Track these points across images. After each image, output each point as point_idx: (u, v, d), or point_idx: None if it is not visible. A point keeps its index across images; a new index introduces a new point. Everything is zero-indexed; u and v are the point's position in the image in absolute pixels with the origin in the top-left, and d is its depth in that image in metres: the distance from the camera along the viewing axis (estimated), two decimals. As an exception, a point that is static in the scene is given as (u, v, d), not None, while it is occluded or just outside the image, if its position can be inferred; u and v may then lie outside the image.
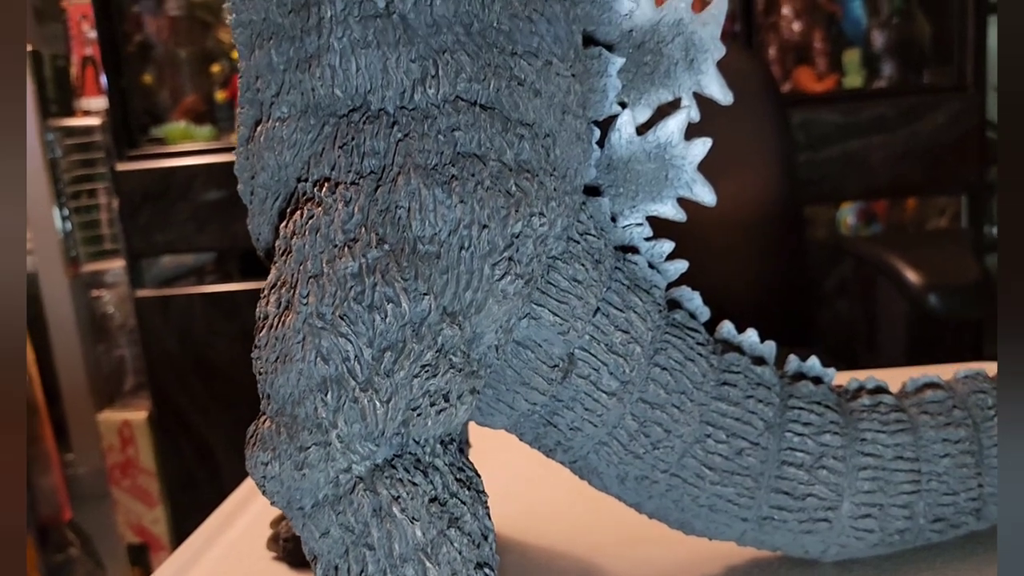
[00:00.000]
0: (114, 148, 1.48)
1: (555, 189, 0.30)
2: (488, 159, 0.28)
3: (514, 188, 0.28)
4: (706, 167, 0.37)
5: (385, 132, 0.28)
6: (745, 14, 1.39)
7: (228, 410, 1.52)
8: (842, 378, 0.39)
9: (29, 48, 1.50)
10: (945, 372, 0.39)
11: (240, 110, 0.32)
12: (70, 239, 1.58)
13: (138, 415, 1.61)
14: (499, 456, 0.47)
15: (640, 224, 0.36)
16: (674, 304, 0.36)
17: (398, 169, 0.27)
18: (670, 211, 0.36)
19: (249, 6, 0.31)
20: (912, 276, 0.81)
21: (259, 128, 0.30)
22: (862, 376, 0.39)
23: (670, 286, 0.36)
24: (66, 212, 1.56)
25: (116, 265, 1.60)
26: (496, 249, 0.28)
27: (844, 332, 1.49)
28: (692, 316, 0.36)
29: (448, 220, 0.27)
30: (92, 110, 1.58)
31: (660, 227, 0.36)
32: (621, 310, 0.33)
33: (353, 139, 0.28)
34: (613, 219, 0.35)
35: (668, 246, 0.36)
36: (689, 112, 0.36)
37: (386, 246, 0.26)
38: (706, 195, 0.36)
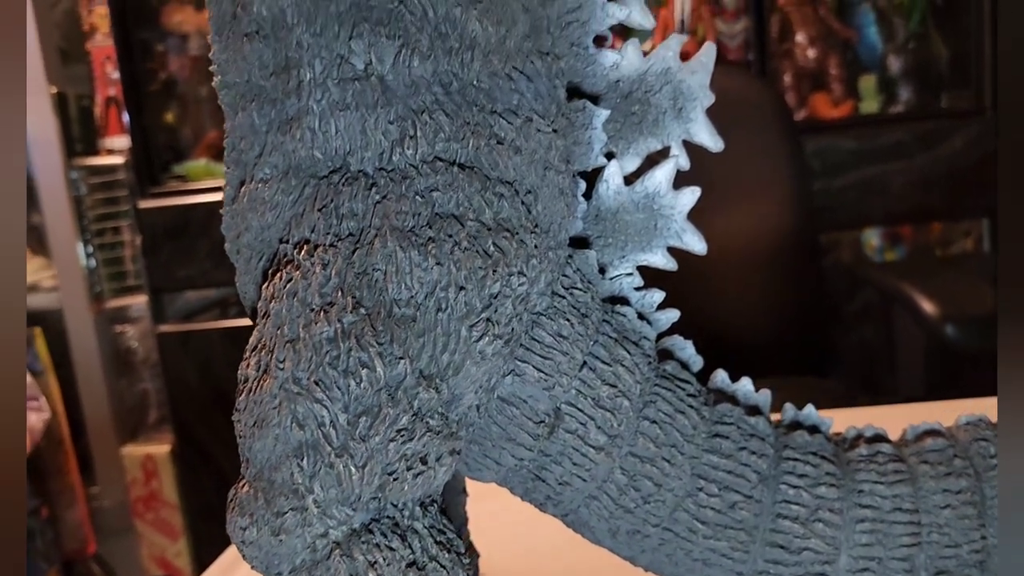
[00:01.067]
0: (137, 186, 1.51)
1: (537, 246, 0.30)
2: (466, 219, 0.28)
3: (492, 248, 0.28)
4: (720, 197, 0.37)
5: (363, 194, 0.28)
6: (759, 42, 1.39)
7: (249, 443, 1.52)
8: (855, 415, 0.39)
9: (54, 90, 1.54)
10: (963, 407, 0.39)
11: (226, 170, 0.32)
12: (94, 275, 1.60)
13: (161, 449, 1.62)
14: (499, 495, 0.47)
15: (630, 274, 0.35)
16: (666, 354, 0.36)
17: (375, 232, 0.27)
18: (660, 260, 0.36)
19: (232, 68, 0.31)
20: (928, 307, 0.80)
21: (243, 189, 0.31)
22: (862, 421, 0.38)
23: (662, 335, 0.36)
24: (90, 249, 1.59)
25: (139, 301, 1.62)
26: (473, 311, 0.28)
27: (862, 361, 1.47)
28: (684, 366, 0.36)
29: (424, 283, 0.27)
30: (116, 149, 1.61)
31: (674, 255, 0.36)
32: (608, 364, 0.33)
33: (332, 201, 0.28)
34: (602, 270, 0.35)
35: (659, 296, 0.35)
36: (677, 161, 0.36)
37: (362, 310, 0.26)
38: (696, 244, 0.36)
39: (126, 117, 1.53)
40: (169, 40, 1.59)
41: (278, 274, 0.29)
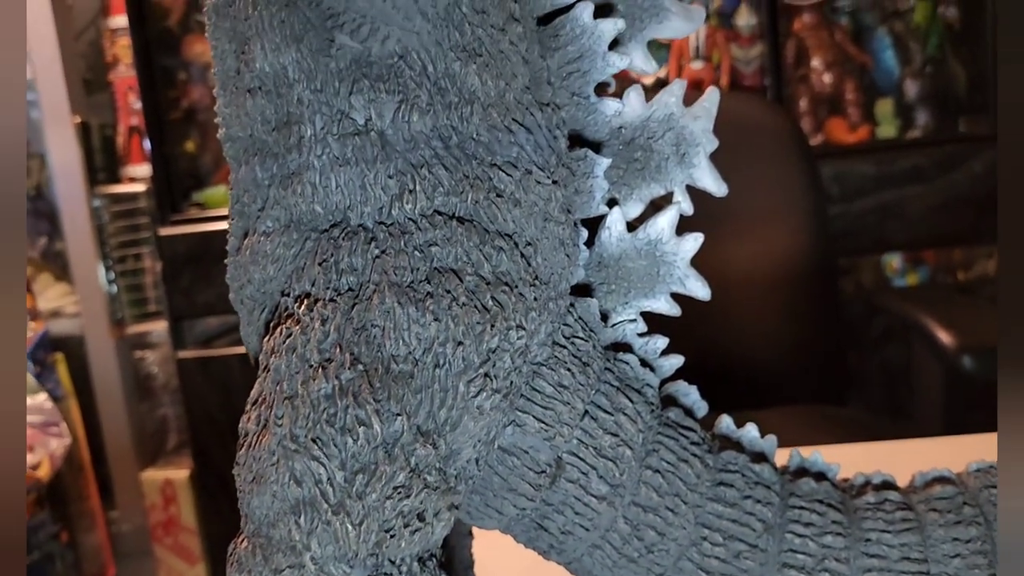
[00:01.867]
0: (158, 213, 1.53)
1: (536, 299, 0.30)
2: (464, 274, 0.28)
3: (491, 302, 0.28)
4: (737, 224, 0.37)
5: (363, 249, 0.28)
6: (774, 67, 1.38)
7: (267, 468, 1.53)
8: (870, 450, 0.38)
9: (78, 120, 1.57)
10: (979, 443, 0.38)
11: (230, 221, 0.33)
12: (116, 301, 1.62)
13: (180, 473, 1.63)
14: (505, 537, 0.47)
15: (633, 320, 0.35)
16: (670, 400, 0.36)
17: (374, 287, 0.28)
18: (664, 306, 0.36)
19: (236, 122, 0.32)
20: (944, 337, 0.79)
21: (246, 241, 0.31)
22: (876, 456, 0.38)
23: (667, 381, 0.36)
24: (112, 275, 1.61)
25: (159, 326, 1.64)
26: (471, 366, 0.28)
27: (880, 389, 1.45)
28: (689, 412, 0.36)
29: (422, 339, 0.27)
30: (137, 177, 1.63)
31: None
32: (610, 413, 0.33)
33: (332, 256, 0.28)
34: (605, 317, 0.35)
35: (662, 342, 0.35)
36: (680, 207, 0.36)
37: (360, 366, 0.27)
38: (699, 290, 0.36)
39: (147, 144, 1.55)
40: (191, 69, 1.62)
41: (278, 328, 0.29)
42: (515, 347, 0.29)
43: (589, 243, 0.35)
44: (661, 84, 1.50)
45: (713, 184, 0.37)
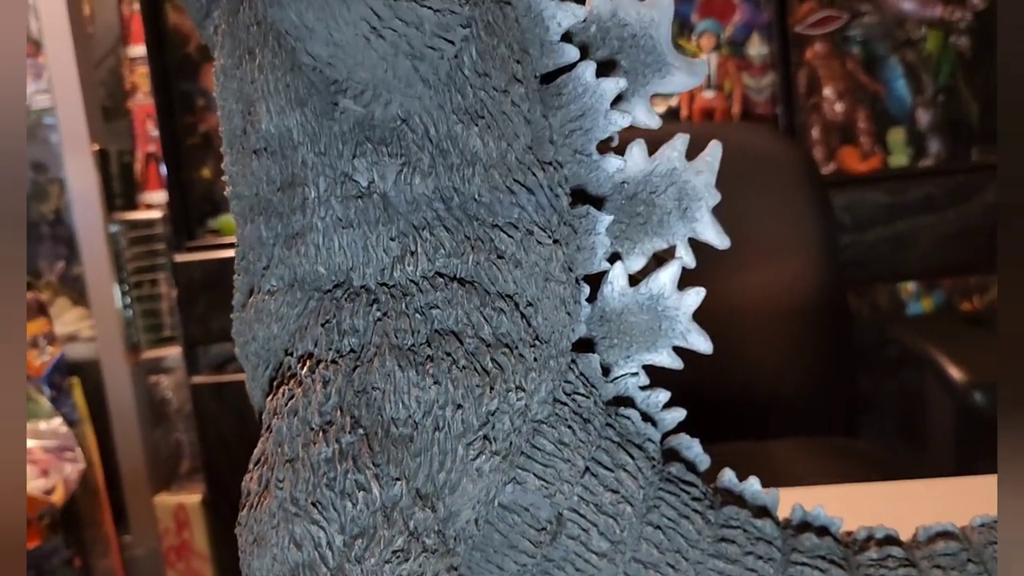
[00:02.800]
0: (174, 239, 1.54)
1: (536, 359, 0.30)
2: (465, 336, 0.29)
3: (491, 364, 0.29)
4: (748, 254, 0.37)
5: (365, 310, 0.29)
6: (786, 96, 1.39)
7: (280, 494, 1.54)
8: (877, 491, 0.38)
9: (96, 147, 1.59)
10: (990, 483, 0.38)
11: (236, 277, 0.33)
12: (132, 326, 1.64)
13: (192, 498, 1.64)
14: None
15: (635, 374, 0.36)
16: (671, 454, 0.36)
17: (375, 349, 0.28)
18: (666, 360, 0.36)
19: (242, 181, 0.32)
20: (955, 373, 0.79)
21: (251, 298, 0.32)
22: (887, 497, 0.38)
23: (669, 434, 0.36)
24: (128, 300, 1.63)
25: (174, 352, 1.65)
26: (471, 428, 0.28)
27: (893, 422, 1.44)
28: (691, 466, 0.36)
29: (422, 402, 0.27)
30: (154, 203, 1.65)
31: (704, 306, 0.36)
32: (611, 469, 0.33)
33: (334, 317, 0.29)
34: (606, 370, 0.35)
35: (664, 395, 0.36)
36: (682, 262, 0.36)
37: (360, 430, 0.27)
38: (701, 344, 0.36)
39: (163, 168, 1.57)
40: (209, 96, 1.64)
41: (281, 388, 0.29)
42: (515, 408, 0.29)
43: (591, 297, 0.35)
44: (673, 112, 1.51)
45: (716, 238, 0.37)
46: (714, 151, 0.38)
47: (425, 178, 0.30)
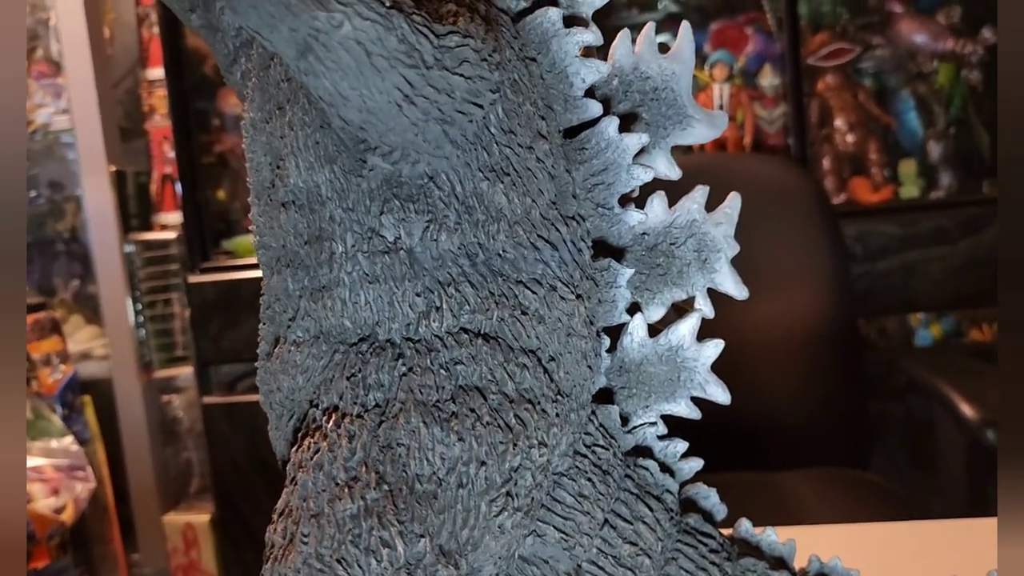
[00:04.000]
0: (188, 260, 1.56)
1: (558, 414, 0.31)
2: (489, 392, 0.29)
3: (514, 420, 0.29)
4: (760, 284, 0.37)
5: (390, 365, 0.29)
6: (798, 127, 1.39)
7: (288, 515, 1.54)
8: (889, 532, 0.38)
9: (113, 168, 1.60)
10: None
11: (261, 326, 0.34)
12: (145, 346, 1.65)
13: (201, 518, 1.64)
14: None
15: (653, 423, 0.36)
16: (689, 504, 0.36)
17: (400, 405, 0.28)
18: (684, 410, 0.36)
19: (269, 232, 0.33)
20: (967, 410, 0.79)
21: (277, 348, 0.32)
22: (897, 537, 0.38)
23: (686, 483, 0.36)
24: (141, 320, 1.64)
25: (186, 371, 1.66)
26: (494, 485, 0.28)
27: (905, 454, 1.44)
28: (708, 516, 0.36)
29: (446, 459, 0.28)
30: (169, 224, 1.67)
31: (711, 330, 0.36)
32: (630, 521, 0.33)
33: (360, 371, 0.29)
34: (625, 420, 0.36)
35: (682, 445, 0.36)
36: (701, 314, 0.37)
37: (385, 486, 0.27)
38: (720, 395, 0.36)
39: (179, 187, 1.58)
40: (225, 117, 1.66)
41: (307, 441, 0.30)
42: (537, 464, 0.30)
43: (611, 348, 0.36)
44: (685, 141, 1.51)
45: (734, 289, 0.38)
46: (733, 203, 0.39)
47: (451, 235, 0.30)
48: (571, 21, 0.36)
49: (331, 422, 0.29)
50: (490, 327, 0.30)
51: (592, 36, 0.35)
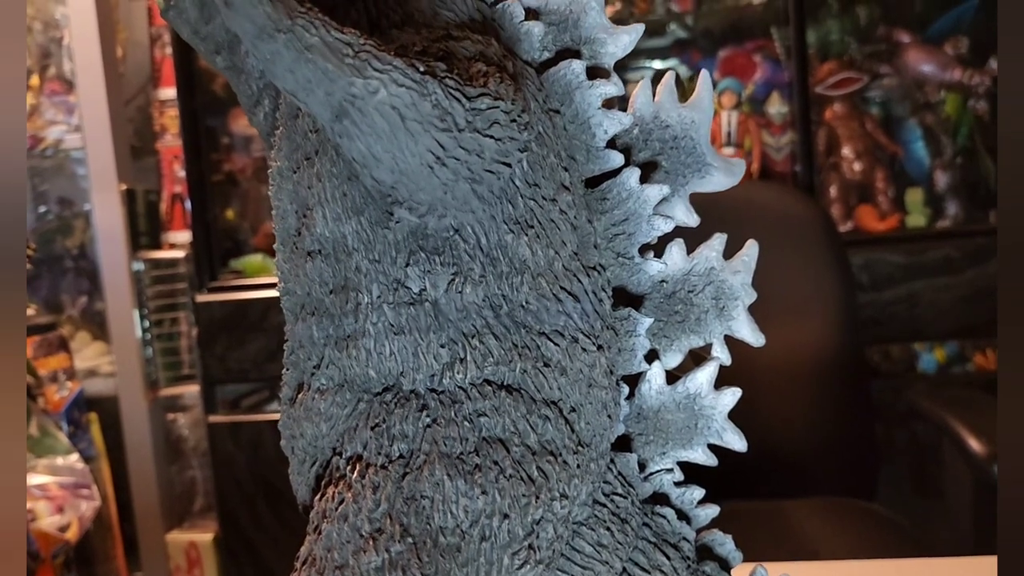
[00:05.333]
0: (196, 279, 1.56)
1: (579, 465, 0.31)
2: (511, 444, 0.29)
3: (536, 473, 0.29)
4: (766, 314, 0.38)
5: (414, 416, 0.30)
6: (805, 155, 1.40)
7: (293, 535, 1.54)
8: (900, 570, 0.38)
9: (124, 187, 1.62)
10: None
11: (284, 371, 0.34)
12: (151, 363, 1.65)
13: (204, 536, 1.64)
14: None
15: (670, 470, 0.36)
16: (705, 550, 0.36)
17: (424, 457, 0.29)
18: (701, 457, 0.37)
19: (294, 279, 0.33)
20: (975, 445, 0.79)
21: (300, 395, 0.33)
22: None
23: (703, 529, 0.37)
24: (148, 337, 1.64)
25: (192, 389, 1.67)
26: (516, 538, 0.29)
27: (912, 486, 1.44)
28: (724, 563, 0.36)
29: (470, 511, 0.28)
30: (177, 243, 1.68)
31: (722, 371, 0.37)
32: (647, 570, 0.33)
33: (384, 421, 0.30)
34: (642, 466, 0.36)
35: (699, 492, 0.36)
36: (719, 362, 0.37)
37: (409, 539, 0.28)
38: (736, 442, 0.37)
39: (188, 204, 1.59)
40: (234, 136, 1.67)
41: (331, 490, 0.30)
42: (559, 516, 0.30)
43: (629, 395, 0.36)
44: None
45: (751, 336, 0.38)
46: (751, 251, 0.39)
47: (475, 287, 0.31)
48: (593, 72, 0.37)
49: (355, 472, 0.30)
50: (513, 379, 0.30)
51: (615, 88, 0.36)
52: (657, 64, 1.58)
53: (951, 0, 1.44)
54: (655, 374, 0.36)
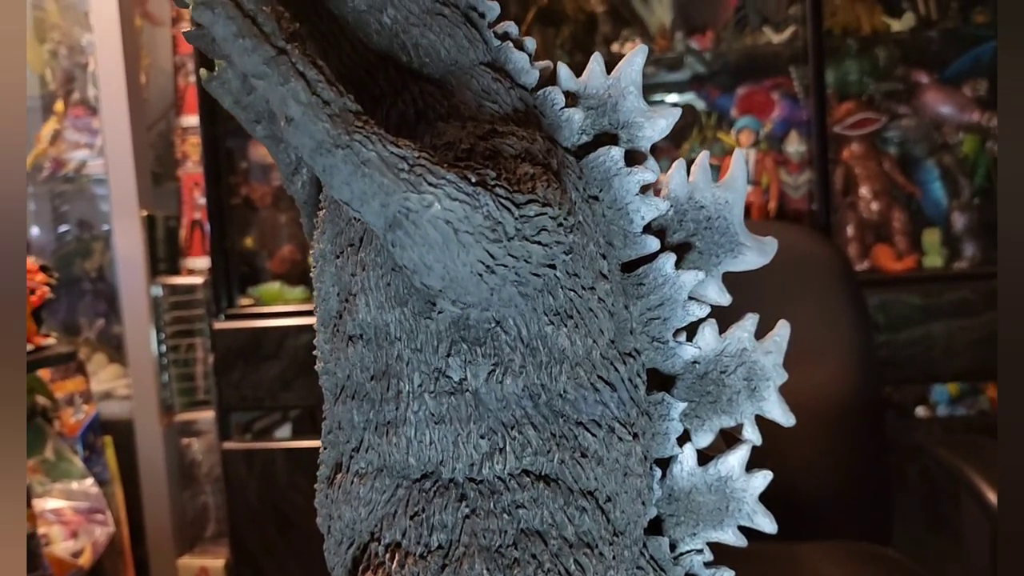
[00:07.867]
0: (213, 306, 1.57)
1: (615, 556, 0.32)
2: (549, 537, 0.30)
3: (573, 567, 0.30)
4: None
5: (453, 506, 0.30)
6: (823, 194, 1.40)
7: (304, 563, 1.54)
8: None
9: (144, 213, 1.63)
10: None
11: (322, 449, 0.35)
12: (167, 388, 1.66)
13: (216, 562, 1.64)
14: None
15: (700, 551, 0.37)
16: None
17: (464, 549, 0.29)
18: (731, 538, 0.37)
19: (335, 361, 0.34)
20: (991, 495, 0.79)
21: (339, 476, 0.33)
22: None
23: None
24: (165, 362, 1.65)
25: (207, 415, 1.67)
26: None
27: (928, 533, 1.43)
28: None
29: None
30: (196, 269, 1.69)
31: None
32: (679, 654, 0.34)
33: (423, 510, 0.30)
34: (672, 546, 0.36)
35: (728, 574, 0.37)
36: (751, 443, 0.38)
37: None
38: (767, 525, 0.37)
39: (207, 227, 1.60)
40: (252, 162, 1.68)
41: (369, 573, 0.31)
42: None
43: (660, 477, 0.36)
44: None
45: (782, 416, 0.39)
46: (782, 331, 0.40)
47: (516, 377, 0.32)
48: (630, 155, 0.37)
49: (395, 562, 0.30)
50: (551, 469, 0.31)
51: (652, 174, 0.37)
52: (674, 97, 1.59)
53: (969, 41, 1.45)
54: (687, 456, 0.37)
